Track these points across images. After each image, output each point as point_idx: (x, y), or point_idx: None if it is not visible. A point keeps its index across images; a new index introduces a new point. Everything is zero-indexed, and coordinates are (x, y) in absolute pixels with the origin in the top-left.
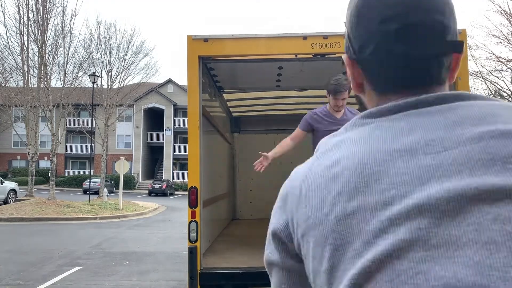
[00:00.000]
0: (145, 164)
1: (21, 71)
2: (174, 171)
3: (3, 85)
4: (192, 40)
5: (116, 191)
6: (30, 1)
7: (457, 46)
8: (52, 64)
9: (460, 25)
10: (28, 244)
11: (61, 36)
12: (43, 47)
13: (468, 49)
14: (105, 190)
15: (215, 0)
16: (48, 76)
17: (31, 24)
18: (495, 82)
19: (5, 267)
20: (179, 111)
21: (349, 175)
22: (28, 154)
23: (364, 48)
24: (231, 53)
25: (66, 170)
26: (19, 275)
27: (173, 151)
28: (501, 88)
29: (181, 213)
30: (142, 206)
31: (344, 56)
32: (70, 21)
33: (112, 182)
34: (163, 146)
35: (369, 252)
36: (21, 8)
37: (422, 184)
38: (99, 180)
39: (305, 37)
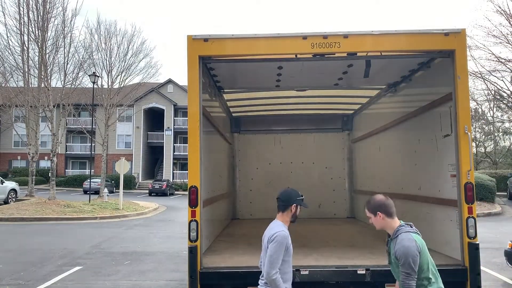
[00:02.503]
0: (145, 164)
1: (22, 71)
2: (174, 171)
3: (3, 85)
4: (192, 40)
5: (116, 191)
6: (30, 1)
7: None
8: (53, 64)
9: (459, 25)
10: (28, 244)
11: (62, 36)
12: (44, 47)
13: (468, 49)
14: (106, 190)
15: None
16: (49, 76)
17: (31, 24)
18: (495, 82)
19: (6, 267)
20: (179, 111)
21: None
22: (29, 154)
23: None
24: (231, 53)
25: (66, 170)
26: (20, 274)
27: (173, 151)
28: (500, 88)
29: (181, 213)
30: (142, 206)
31: None
32: (71, 21)
33: (113, 182)
34: (163, 146)
35: None
36: (21, 8)
37: None
38: (100, 180)
39: (304, 37)
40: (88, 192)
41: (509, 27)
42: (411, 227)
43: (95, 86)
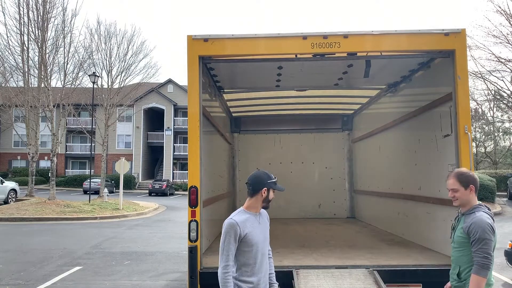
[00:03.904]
0: (145, 164)
1: (22, 71)
2: (174, 171)
3: (3, 85)
4: (192, 40)
5: (116, 191)
6: (30, 1)
7: None
8: (53, 64)
9: (459, 25)
10: (28, 244)
11: (61, 36)
12: (44, 47)
13: (468, 49)
14: (105, 190)
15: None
16: (49, 76)
17: (31, 24)
18: (495, 82)
19: (6, 267)
20: (179, 111)
21: None
22: (29, 154)
23: None
24: (231, 53)
25: (66, 170)
26: (20, 274)
27: (173, 151)
28: (500, 88)
29: (181, 213)
30: (142, 206)
31: None
32: (71, 21)
33: (112, 182)
34: (163, 146)
35: None
36: (21, 9)
37: None
38: (99, 180)
39: (304, 37)
40: (88, 192)
41: (509, 27)
42: (489, 209)
43: (95, 86)
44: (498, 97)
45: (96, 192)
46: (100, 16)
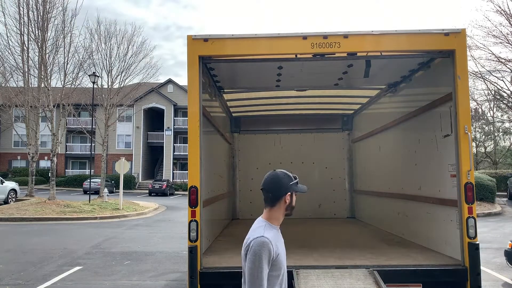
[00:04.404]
0: (145, 164)
1: (22, 71)
2: (174, 171)
3: (3, 85)
4: (192, 40)
5: (116, 191)
6: (30, 1)
7: None
8: (53, 64)
9: (459, 25)
10: (28, 244)
11: (62, 36)
12: (44, 47)
13: (468, 49)
14: (105, 190)
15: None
16: (49, 76)
17: (31, 24)
18: (495, 82)
19: (6, 267)
20: (179, 111)
21: None
22: (29, 154)
23: None
24: (231, 53)
25: (66, 170)
26: (20, 274)
27: (173, 151)
28: (500, 88)
29: (181, 213)
30: (142, 206)
31: None
32: (71, 21)
33: (113, 182)
34: (163, 146)
35: None
36: (21, 8)
37: None
38: (99, 180)
39: (305, 37)
40: (88, 192)
41: (509, 27)
42: None
43: (95, 86)
44: (498, 97)
45: (96, 192)
46: (100, 15)
